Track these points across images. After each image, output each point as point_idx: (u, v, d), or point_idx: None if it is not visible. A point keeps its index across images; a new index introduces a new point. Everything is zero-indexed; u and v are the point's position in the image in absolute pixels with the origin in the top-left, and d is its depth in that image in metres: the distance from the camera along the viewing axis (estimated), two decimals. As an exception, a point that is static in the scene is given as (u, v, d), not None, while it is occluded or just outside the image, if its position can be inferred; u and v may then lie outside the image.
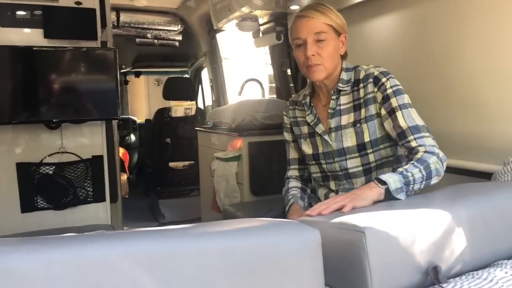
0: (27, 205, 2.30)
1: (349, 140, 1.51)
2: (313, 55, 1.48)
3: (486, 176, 1.60)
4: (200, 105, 5.28)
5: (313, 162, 1.63)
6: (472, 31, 1.65)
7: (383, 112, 1.45)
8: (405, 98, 1.43)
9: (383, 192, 1.21)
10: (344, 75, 1.54)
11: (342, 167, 1.54)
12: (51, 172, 2.32)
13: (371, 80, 1.48)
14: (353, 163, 1.53)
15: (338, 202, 1.17)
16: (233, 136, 2.85)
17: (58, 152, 2.35)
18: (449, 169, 1.81)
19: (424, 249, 0.88)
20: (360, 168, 1.53)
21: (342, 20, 1.53)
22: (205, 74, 5.14)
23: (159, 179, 4.47)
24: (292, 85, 3.31)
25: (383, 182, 1.22)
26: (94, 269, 0.58)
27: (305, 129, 1.65)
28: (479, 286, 0.85)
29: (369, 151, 1.50)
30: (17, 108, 2.21)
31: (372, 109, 1.48)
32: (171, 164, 4.39)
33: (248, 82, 3.74)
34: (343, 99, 1.54)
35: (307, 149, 1.63)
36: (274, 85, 3.76)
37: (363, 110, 1.50)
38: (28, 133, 2.32)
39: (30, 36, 2.26)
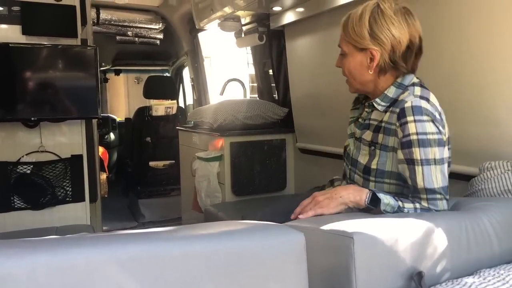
0: (3, 205, 2.25)
1: (362, 157, 1.40)
2: (338, 66, 1.43)
3: (463, 178, 1.64)
4: (181, 104, 5.25)
5: (344, 158, 1.55)
6: (451, 34, 1.69)
7: (400, 156, 1.27)
8: (431, 153, 1.22)
9: (363, 206, 1.21)
10: (392, 91, 1.35)
11: (351, 177, 1.47)
12: (28, 171, 2.28)
13: (398, 110, 1.28)
14: (357, 180, 1.42)
15: (306, 211, 1.19)
16: (215, 136, 2.84)
17: (36, 151, 2.31)
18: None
19: (408, 256, 0.91)
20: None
21: (363, 34, 1.32)
22: (186, 73, 5.10)
23: (139, 178, 4.43)
24: (274, 85, 3.33)
25: (374, 202, 1.19)
26: (77, 273, 0.57)
27: (351, 128, 1.55)
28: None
29: (371, 178, 1.37)
30: (-7, 105, 2.16)
31: (390, 141, 1.31)
32: (151, 163, 4.35)
33: (229, 82, 3.74)
34: (375, 115, 1.40)
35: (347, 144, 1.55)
36: (255, 84, 3.77)
37: (380, 136, 1.34)
38: (4, 131, 2.27)
39: (8, 33, 2.21)
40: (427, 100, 1.28)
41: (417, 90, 1.32)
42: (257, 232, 0.73)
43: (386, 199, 1.19)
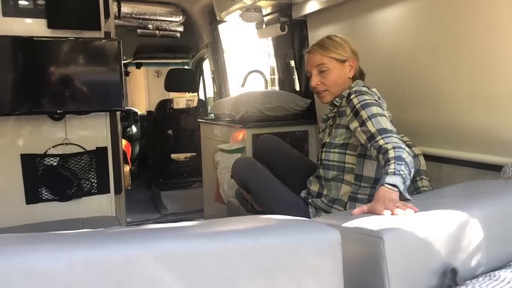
0: (32, 197, 2.29)
1: (325, 137, 1.86)
2: (317, 84, 1.83)
3: (495, 168, 1.59)
4: (202, 97, 5.25)
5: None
6: (484, 21, 1.63)
7: (355, 124, 1.63)
8: (373, 109, 1.60)
9: (398, 194, 1.25)
10: (347, 92, 1.79)
11: (320, 157, 1.86)
12: (55, 163, 2.31)
13: (346, 96, 1.75)
14: (321, 156, 1.85)
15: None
16: (236, 127, 2.83)
17: (62, 144, 2.34)
18: (459, 162, 1.80)
19: (441, 251, 0.88)
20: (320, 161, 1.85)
21: (346, 49, 1.81)
22: (206, 66, 5.09)
23: (161, 170, 4.46)
24: (295, 76, 3.29)
25: (393, 186, 1.26)
26: (114, 268, 0.57)
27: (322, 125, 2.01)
28: (497, 288, 0.84)
29: (324, 149, 1.81)
30: (20, 99, 2.19)
31: (342, 120, 1.74)
32: (173, 155, 4.38)
33: (250, 74, 3.71)
34: (334, 109, 1.86)
35: None
36: (274, 76, 3.74)
37: (337, 118, 1.79)
38: (31, 124, 2.30)
39: (33, 26, 2.23)
40: (368, 88, 1.78)
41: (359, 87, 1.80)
42: (293, 228, 0.71)
43: (400, 185, 1.27)
